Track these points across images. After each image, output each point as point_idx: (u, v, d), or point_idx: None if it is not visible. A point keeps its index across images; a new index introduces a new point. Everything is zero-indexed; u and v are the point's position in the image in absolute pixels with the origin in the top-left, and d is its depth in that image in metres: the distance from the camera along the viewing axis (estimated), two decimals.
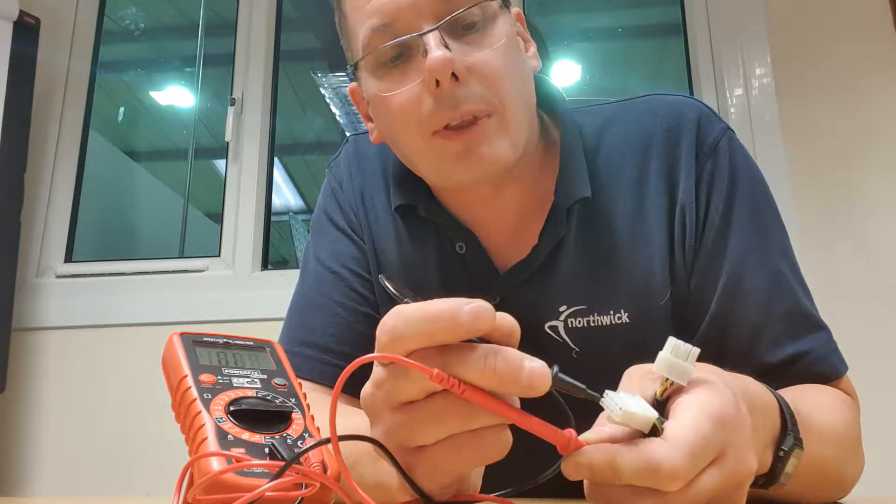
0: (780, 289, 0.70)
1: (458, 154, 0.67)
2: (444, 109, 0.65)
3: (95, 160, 2.32)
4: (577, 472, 0.38)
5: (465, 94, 0.65)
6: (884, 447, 0.85)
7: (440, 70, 0.63)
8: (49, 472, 1.92)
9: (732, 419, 0.40)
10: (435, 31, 0.65)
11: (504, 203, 0.75)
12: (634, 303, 0.72)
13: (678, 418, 0.39)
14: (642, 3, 2.87)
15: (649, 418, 0.39)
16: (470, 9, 0.67)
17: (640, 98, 0.79)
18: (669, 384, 0.41)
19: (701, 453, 0.38)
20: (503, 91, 0.67)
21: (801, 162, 1.86)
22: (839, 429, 0.63)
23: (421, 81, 0.66)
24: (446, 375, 0.37)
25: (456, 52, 0.65)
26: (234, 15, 2.26)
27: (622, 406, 0.38)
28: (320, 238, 0.85)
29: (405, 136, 0.69)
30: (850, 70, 1.92)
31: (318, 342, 0.79)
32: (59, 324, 2.01)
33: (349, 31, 0.72)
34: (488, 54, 0.67)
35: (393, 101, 0.68)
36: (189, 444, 0.42)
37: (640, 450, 0.37)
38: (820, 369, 0.69)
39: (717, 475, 0.39)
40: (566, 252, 0.73)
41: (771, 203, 0.75)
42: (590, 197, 0.72)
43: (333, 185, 0.87)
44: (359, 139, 0.88)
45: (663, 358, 0.41)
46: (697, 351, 0.40)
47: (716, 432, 0.39)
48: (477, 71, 0.66)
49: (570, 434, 0.38)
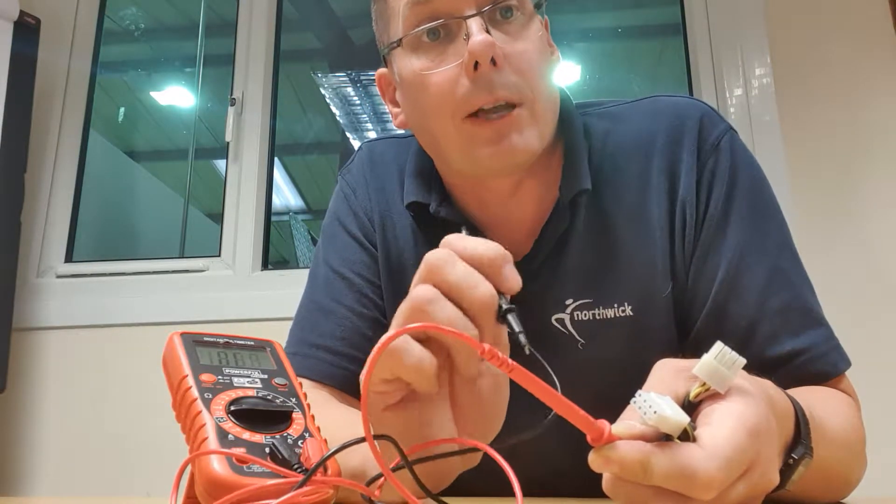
0: (779, 284, 0.70)
1: (489, 140, 0.68)
2: (481, 93, 0.67)
3: (95, 160, 2.32)
4: (605, 465, 0.38)
5: (501, 81, 0.67)
6: (884, 447, 0.85)
7: (482, 53, 0.65)
8: (49, 472, 1.92)
9: (765, 433, 0.40)
10: (478, 17, 0.67)
11: (519, 201, 0.76)
12: (638, 296, 0.73)
13: (714, 426, 0.39)
14: (642, 3, 2.88)
15: (681, 423, 0.38)
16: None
17: (644, 99, 0.81)
18: (706, 389, 0.40)
19: (736, 466, 0.38)
20: (535, 84, 0.69)
21: (801, 162, 1.86)
22: (849, 434, 0.63)
23: (459, 63, 0.67)
24: (497, 352, 0.36)
25: (496, 39, 0.67)
26: (234, 15, 2.26)
27: (656, 410, 0.37)
28: (331, 244, 0.86)
29: (437, 118, 0.70)
30: (849, 70, 1.92)
31: (327, 344, 0.80)
32: (59, 324, 2.01)
33: (388, 12, 0.73)
34: (525, 45, 0.69)
35: (430, 81, 0.69)
36: (190, 443, 0.42)
37: (676, 455, 0.37)
38: (819, 367, 0.69)
39: (742, 488, 0.39)
40: (572, 247, 0.74)
41: (772, 201, 0.75)
42: (590, 189, 0.73)
43: (347, 191, 0.87)
44: (373, 146, 0.89)
45: (707, 362, 0.40)
46: (743, 361, 0.40)
47: (751, 445, 0.39)
48: (513, 60, 0.68)
49: (605, 426, 0.37)
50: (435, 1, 0.68)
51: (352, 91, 3.30)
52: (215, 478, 0.39)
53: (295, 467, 0.40)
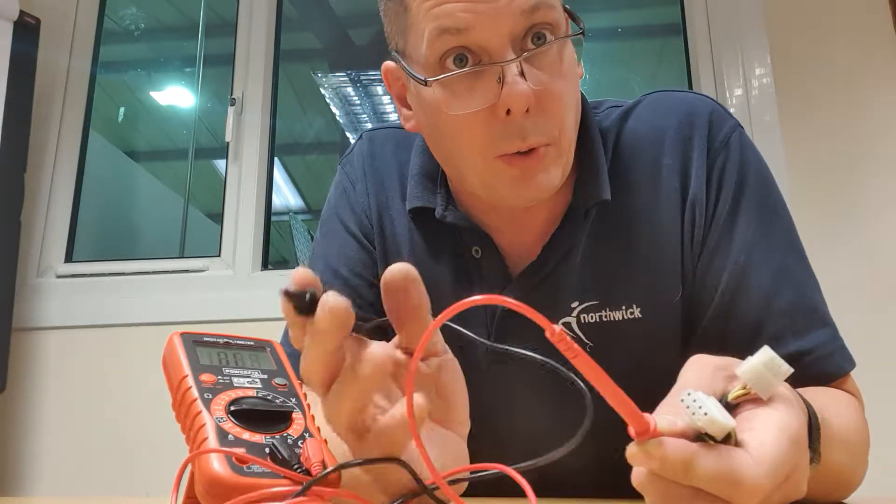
0: (785, 284, 0.70)
1: (515, 178, 0.67)
2: (513, 139, 0.65)
3: (95, 160, 2.32)
4: (647, 459, 0.37)
5: (533, 127, 0.65)
6: (884, 447, 0.85)
7: (518, 105, 0.63)
8: (49, 472, 1.92)
9: (804, 443, 0.40)
10: (516, 61, 0.63)
11: (534, 214, 0.75)
12: (646, 298, 0.72)
13: (759, 433, 0.38)
14: (642, 3, 2.87)
15: (728, 427, 0.37)
16: (546, 42, 0.66)
17: (650, 95, 0.79)
18: (746, 392, 0.40)
19: (780, 474, 0.37)
20: (564, 122, 0.67)
21: (801, 162, 1.85)
22: (854, 436, 0.63)
23: (491, 106, 0.64)
24: (566, 337, 0.35)
25: (529, 77, 0.64)
26: (234, 15, 2.26)
27: (707, 411, 0.37)
28: (330, 238, 0.84)
29: (464, 153, 0.68)
30: (849, 70, 1.92)
31: None
32: (59, 324, 2.01)
33: (408, 21, 0.68)
34: (558, 86, 0.66)
35: (458, 119, 0.66)
36: (190, 443, 0.42)
37: (723, 458, 0.36)
38: (823, 368, 0.68)
39: (778, 497, 0.39)
40: (578, 250, 0.73)
41: (779, 199, 0.75)
42: (609, 200, 0.72)
43: (346, 184, 0.86)
44: (374, 136, 0.87)
45: (754, 367, 0.39)
46: (790, 371, 0.39)
47: (793, 455, 0.38)
48: (547, 105, 0.66)
49: (652, 420, 0.36)
50: (466, 33, 0.64)
51: (352, 91, 3.30)
52: (215, 477, 0.38)
53: (295, 467, 0.40)
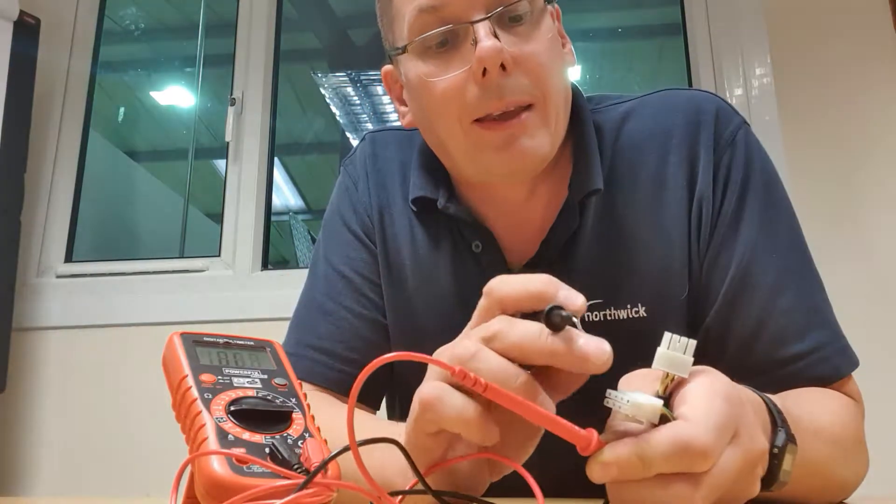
0: (788, 284, 0.70)
1: (498, 146, 0.67)
2: (490, 99, 0.66)
3: (95, 160, 2.32)
4: (603, 472, 0.37)
5: (510, 85, 0.66)
6: (884, 447, 0.85)
7: (490, 59, 0.64)
8: (49, 472, 1.92)
9: (737, 398, 0.41)
10: (486, 21, 0.65)
11: (532, 206, 0.75)
12: (652, 297, 0.72)
13: (690, 401, 0.39)
14: (642, 3, 2.88)
15: (656, 406, 0.38)
16: (520, 1, 0.67)
17: (656, 93, 0.79)
18: (671, 380, 0.41)
19: (723, 429, 0.38)
20: (546, 84, 0.68)
21: (801, 162, 1.85)
22: (834, 428, 0.62)
23: (467, 69, 0.66)
24: (470, 373, 0.36)
25: (505, 42, 0.65)
26: (234, 15, 2.26)
27: (629, 399, 0.38)
28: (332, 239, 0.85)
29: (445, 122, 0.69)
30: (850, 70, 1.92)
31: (324, 346, 0.79)
32: (60, 324, 2.01)
33: (392, 12, 0.72)
34: (535, 47, 0.67)
35: (437, 87, 0.68)
36: (190, 443, 0.42)
37: (665, 433, 0.37)
38: (820, 371, 0.68)
39: (736, 454, 0.39)
40: (581, 247, 0.73)
41: (784, 198, 0.75)
42: (601, 189, 0.72)
43: (348, 184, 0.86)
44: (376, 137, 0.87)
45: (662, 353, 0.40)
46: (695, 342, 0.40)
47: (730, 409, 0.39)
48: (523, 63, 0.66)
49: (592, 433, 0.37)
50: (442, 9, 0.67)
51: (352, 91, 3.30)
52: (215, 478, 0.38)
53: (295, 467, 0.40)
